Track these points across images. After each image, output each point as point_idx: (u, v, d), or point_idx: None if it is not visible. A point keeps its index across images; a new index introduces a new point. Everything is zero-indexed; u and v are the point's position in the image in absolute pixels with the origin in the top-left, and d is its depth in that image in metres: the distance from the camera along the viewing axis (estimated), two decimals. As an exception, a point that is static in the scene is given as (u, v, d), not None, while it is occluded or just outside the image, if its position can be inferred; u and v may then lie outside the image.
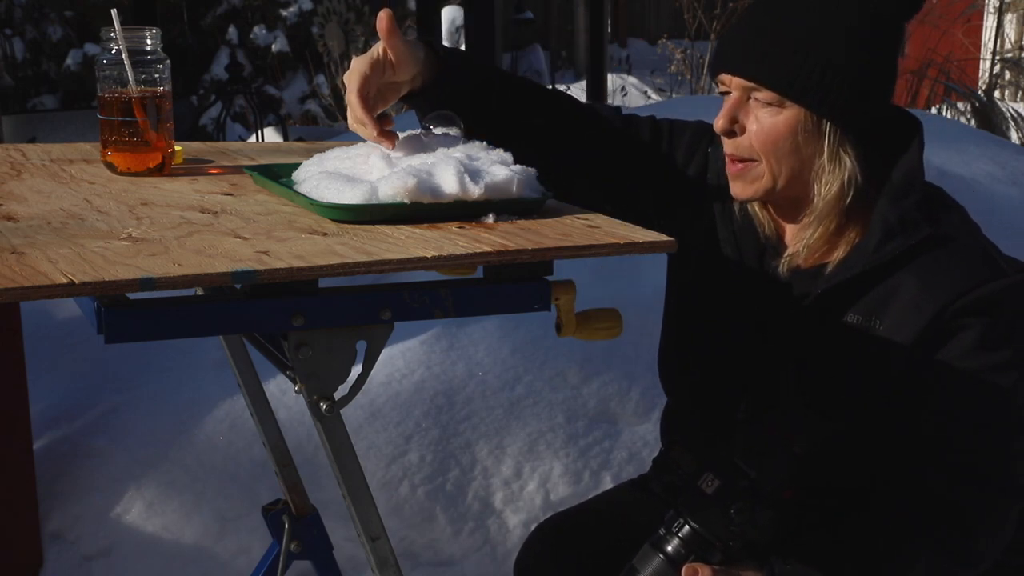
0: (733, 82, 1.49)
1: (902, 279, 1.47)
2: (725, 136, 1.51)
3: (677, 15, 10.12)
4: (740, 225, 1.62)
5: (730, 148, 1.51)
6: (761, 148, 1.48)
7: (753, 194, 1.52)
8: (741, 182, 1.52)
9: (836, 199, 1.49)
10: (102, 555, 2.58)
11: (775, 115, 1.46)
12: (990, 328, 1.45)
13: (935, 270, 1.46)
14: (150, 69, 1.51)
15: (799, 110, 1.46)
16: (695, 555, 1.42)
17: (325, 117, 10.00)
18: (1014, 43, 8.60)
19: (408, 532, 2.60)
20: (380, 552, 1.29)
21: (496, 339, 2.93)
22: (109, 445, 2.72)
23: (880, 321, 1.48)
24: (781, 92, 1.45)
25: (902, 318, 1.47)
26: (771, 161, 1.48)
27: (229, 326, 1.28)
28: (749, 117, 1.49)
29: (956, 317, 1.45)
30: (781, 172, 1.49)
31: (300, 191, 1.31)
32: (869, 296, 1.49)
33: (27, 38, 10.01)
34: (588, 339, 1.34)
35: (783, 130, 1.46)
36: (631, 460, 2.74)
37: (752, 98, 1.48)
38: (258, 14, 10.55)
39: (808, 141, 1.47)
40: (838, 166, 1.48)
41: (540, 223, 1.26)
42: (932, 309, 1.45)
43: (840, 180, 1.48)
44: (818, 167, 1.48)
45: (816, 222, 1.51)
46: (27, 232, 1.17)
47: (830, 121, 1.46)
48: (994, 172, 3.75)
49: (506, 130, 1.53)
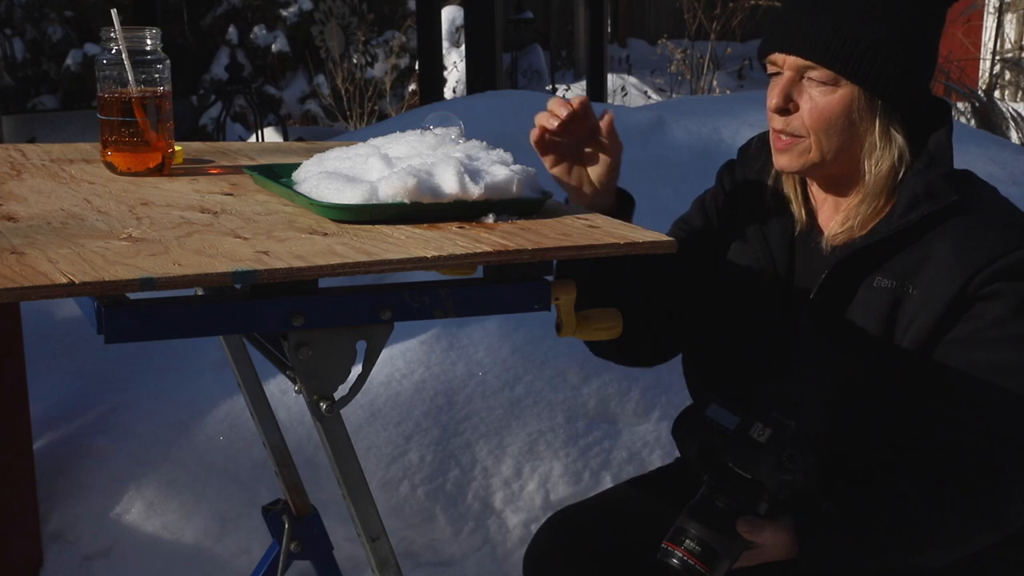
0: (787, 62, 1.52)
1: (934, 245, 1.50)
2: (778, 114, 1.54)
3: (677, 15, 10.14)
4: (769, 208, 1.65)
5: (780, 125, 1.54)
6: (813, 126, 1.51)
7: (800, 167, 1.55)
8: (788, 155, 1.55)
9: (887, 175, 1.53)
10: (102, 555, 2.58)
11: (829, 94, 1.50)
12: (1020, 295, 1.47)
13: (967, 236, 1.49)
14: (150, 69, 1.51)
15: (853, 88, 1.49)
16: (743, 506, 1.42)
17: (325, 117, 9.99)
18: (1014, 43, 8.61)
19: (408, 532, 2.60)
20: (380, 552, 1.29)
21: (496, 339, 2.93)
22: (109, 445, 2.72)
23: (914, 287, 1.50)
24: (838, 71, 1.49)
25: (936, 284, 1.49)
26: (820, 138, 1.52)
27: (229, 326, 1.28)
28: (803, 96, 1.52)
29: (989, 282, 1.47)
30: (830, 149, 1.52)
31: (300, 191, 1.31)
32: (900, 262, 1.52)
33: (27, 38, 10.00)
34: (588, 339, 1.34)
35: (837, 108, 1.50)
36: (631, 460, 2.74)
37: (806, 77, 1.52)
38: (258, 14, 10.55)
39: (861, 119, 1.51)
40: (890, 143, 1.52)
41: (540, 223, 1.26)
42: (965, 275, 1.47)
43: (891, 157, 1.52)
44: (869, 145, 1.52)
45: (869, 198, 1.54)
46: (27, 232, 1.17)
47: (882, 100, 1.50)
48: (994, 172, 3.75)
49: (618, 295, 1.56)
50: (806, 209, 1.63)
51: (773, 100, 1.54)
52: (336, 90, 9.04)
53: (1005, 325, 1.47)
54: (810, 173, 1.58)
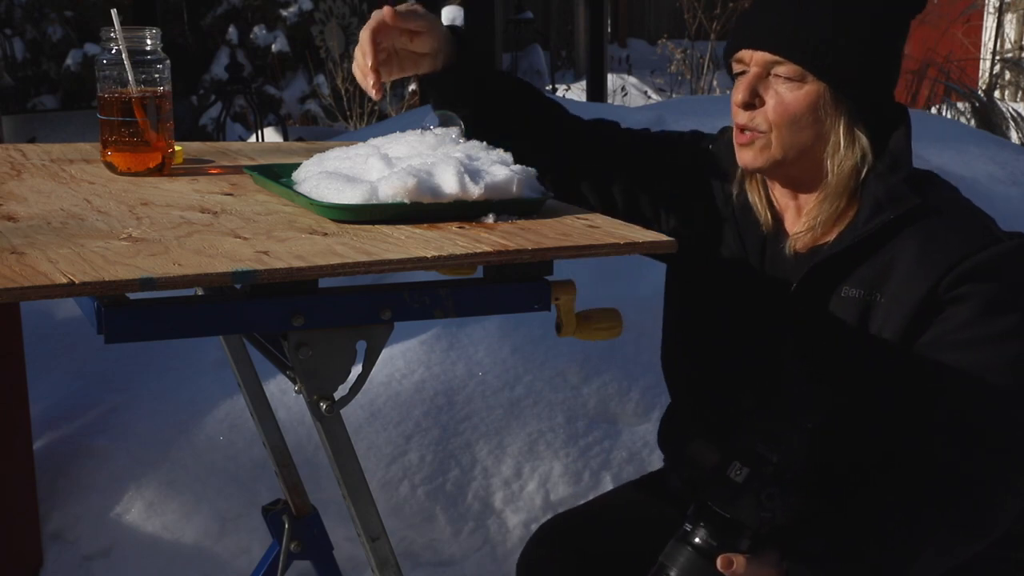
0: (754, 58, 1.51)
1: (899, 251, 1.49)
2: (743, 108, 1.53)
3: (677, 15, 10.13)
4: (740, 212, 1.63)
5: (744, 119, 1.53)
6: (777, 121, 1.50)
7: (762, 164, 1.54)
8: (750, 151, 1.54)
9: (849, 175, 1.52)
10: (102, 555, 2.58)
11: (796, 90, 1.49)
12: (990, 295, 1.46)
13: (931, 240, 1.48)
14: (150, 69, 1.51)
15: (819, 86, 1.49)
16: (724, 544, 1.42)
17: (325, 117, 9.98)
18: (1014, 43, 8.60)
19: (408, 532, 2.60)
20: (380, 552, 1.29)
21: (496, 339, 2.93)
22: (109, 445, 2.72)
23: (881, 294, 1.49)
24: (806, 67, 1.48)
25: (902, 290, 1.48)
26: (783, 133, 1.51)
27: (229, 326, 1.28)
28: (768, 91, 1.51)
29: (955, 285, 1.46)
30: (792, 145, 1.51)
31: (300, 191, 1.31)
32: (867, 270, 1.51)
33: (27, 38, 10.00)
34: (588, 339, 1.34)
35: (803, 104, 1.49)
36: (631, 460, 2.74)
37: (773, 73, 1.50)
38: (258, 14, 10.54)
39: (826, 116, 1.50)
40: (853, 143, 1.51)
41: (540, 223, 1.26)
42: (931, 279, 1.46)
43: (854, 157, 1.51)
44: (833, 144, 1.51)
45: (831, 198, 1.53)
46: (27, 232, 1.17)
47: (848, 98, 1.49)
48: (994, 172, 3.75)
49: (509, 131, 1.56)
50: (771, 213, 1.61)
51: (739, 95, 1.52)
52: (336, 90, 9.03)
53: (973, 326, 1.46)
54: (772, 172, 1.56)
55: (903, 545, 1.46)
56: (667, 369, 1.78)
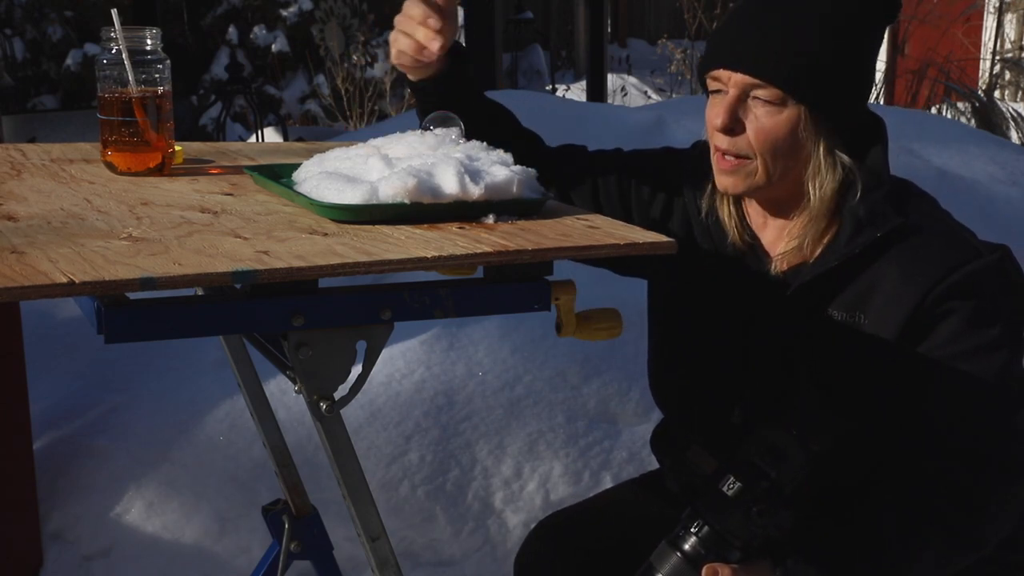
0: (733, 79, 1.48)
1: (881, 272, 1.48)
2: (724, 133, 1.50)
3: (677, 15, 10.13)
4: (713, 228, 1.62)
5: (726, 145, 1.50)
6: (760, 147, 1.48)
7: (745, 189, 1.52)
8: (734, 177, 1.51)
9: (831, 197, 1.50)
10: (102, 555, 2.58)
11: (776, 114, 1.47)
12: (974, 310, 1.45)
13: (912, 259, 1.47)
14: (150, 69, 1.51)
15: (799, 109, 1.46)
16: (714, 554, 1.42)
17: (325, 117, 9.99)
18: (1014, 43, 8.61)
19: (408, 532, 2.60)
20: (380, 552, 1.29)
21: (496, 339, 2.93)
22: (109, 445, 2.72)
23: (864, 316, 1.49)
24: (787, 90, 1.45)
25: (886, 310, 1.48)
26: (767, 159, 1.49)
27: (229, 326, 1.28)
28: (748, 115, 1.48)
29: (939, 303, 1.45)
30: (776, 170, 1.49)
31: (300, 191, 1.31)
32: (850, 292, 1.50)
33: (27, 38, 10.00)
34: (588, 339, 1.34)
35: (784, 129, 1.47)
36: (631, 460, 2.74)
37: (752, 96, 1.48)
38: (258, 14, 10.55)
39: (807, 139, 1.48)
40: (834, 164, 1.49)
41: (540, 223, 1.26)
42: (914, 297, 1.46)
43: (835, 179, 1.49)
44: (814, 166, 1.49)
45: (815, 220, 1.52)
46: (27, 232, 1.17)
47: (828, 121, 1.47)
48: (994, 172, 3.75)
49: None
50: (744, 230, 1.60)
51: (719, 120, 1.49)
52: (336, 90, 9.03)
53: (959, 341, 1.46)
54: (753, 195, 1.55)
55: (896, 558, 1.46)
56: (655, 387, 1.78)
